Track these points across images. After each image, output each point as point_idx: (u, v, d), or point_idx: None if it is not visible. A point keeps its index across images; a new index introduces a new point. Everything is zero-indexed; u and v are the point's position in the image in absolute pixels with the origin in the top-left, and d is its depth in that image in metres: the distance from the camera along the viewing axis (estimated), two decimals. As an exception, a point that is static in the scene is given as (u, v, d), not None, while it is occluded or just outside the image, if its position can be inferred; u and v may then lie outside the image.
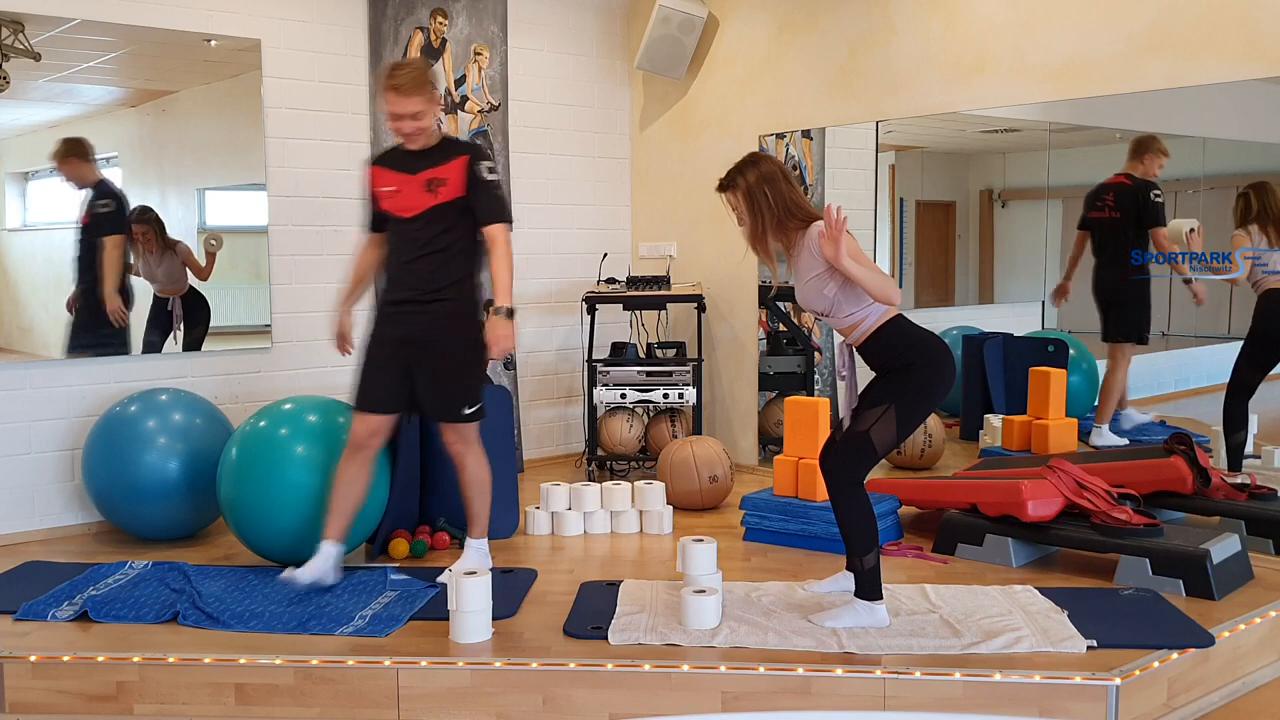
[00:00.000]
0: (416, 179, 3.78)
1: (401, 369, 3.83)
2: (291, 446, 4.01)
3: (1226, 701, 3.34)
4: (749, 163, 3.47)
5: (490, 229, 3.79)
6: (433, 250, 3.79)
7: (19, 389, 4.65)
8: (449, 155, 3.81)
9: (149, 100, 5.03)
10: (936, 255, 5.99)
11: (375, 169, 3.91)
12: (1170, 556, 3.74)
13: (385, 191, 3.85)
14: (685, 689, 3.12)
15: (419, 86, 3.70)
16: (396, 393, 3.85)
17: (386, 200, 3.85)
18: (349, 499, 3.86)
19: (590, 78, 6.36)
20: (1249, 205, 4.52)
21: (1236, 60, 4.14)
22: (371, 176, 3.91)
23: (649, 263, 6.40)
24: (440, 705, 3.17)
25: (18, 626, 3.53)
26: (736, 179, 3.45)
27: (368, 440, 3.85)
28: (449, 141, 3.91)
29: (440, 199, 3.77)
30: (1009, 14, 4.80)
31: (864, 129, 5.53)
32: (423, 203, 3.78)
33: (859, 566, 3.44)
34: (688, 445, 5.08)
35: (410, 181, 3.79)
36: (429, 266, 3.79)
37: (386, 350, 3.85)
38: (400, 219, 3.83)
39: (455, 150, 3.85)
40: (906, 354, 3.38)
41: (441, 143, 3.86)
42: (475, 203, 3.78)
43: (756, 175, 3.41)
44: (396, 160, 3.87)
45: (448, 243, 3.80)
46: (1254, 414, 4.58)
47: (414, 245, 3.80)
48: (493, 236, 3.79)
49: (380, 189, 3.87)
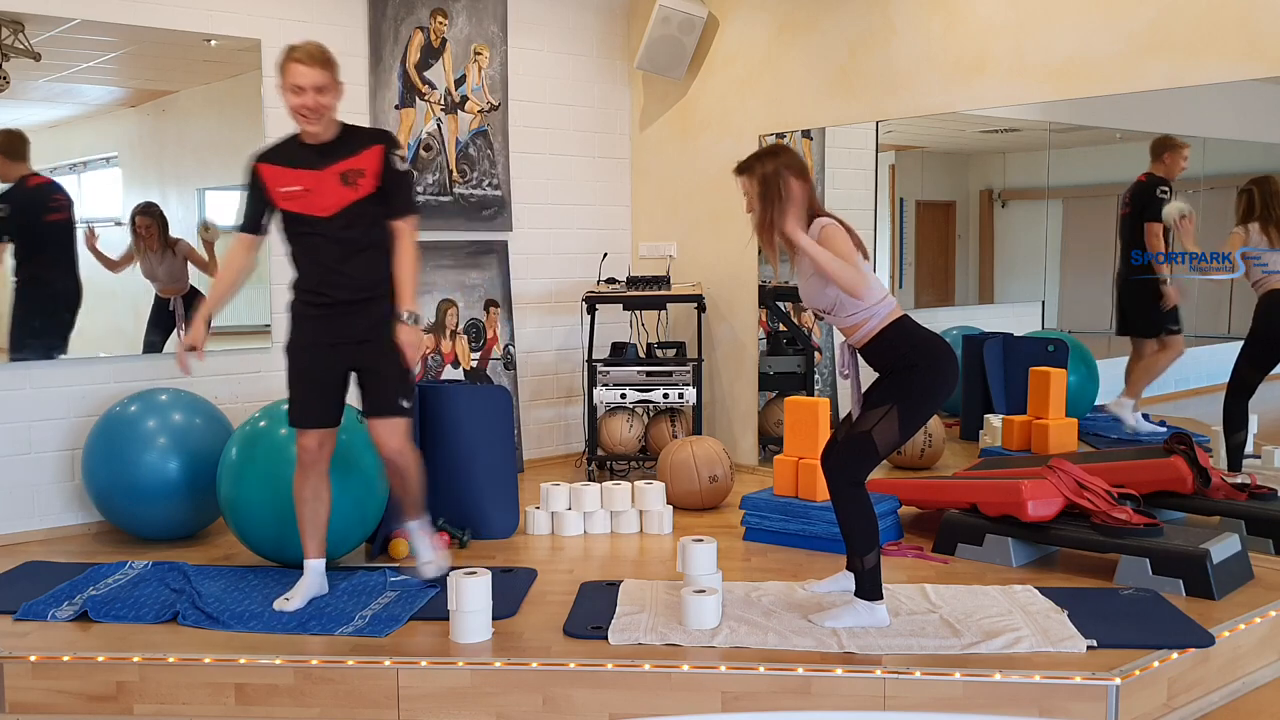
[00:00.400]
0: (328, 174, 3.50)
1: (340, 374, 3.65)
2: (291, 447, 3.99)
3: (1226, 701, 3.34)
4: (770, 153, 3.48)
5: (403, 223, 3.58)
6: (362, 248, 3.56)
7: (19, 389, 4.65)
8: (360, 144, 3.55)
9: (149, 100, 5.03)
10: (936, 255, 5.99)
11: (268, 168, 3.56)
12: (1170, 556, 3.74)
13: (289, 192, 3.52)
14: (685, 689, 3.12)
15: (323, 62, 3.44)
16: (337, 400, 3.68)
17: (291, 201, 3.53)
18: (318, 516, 3.74)
19: (590, 78, 6.37)
20: (1251, 202, 4.50)
21: (1236, 60, 4.13)
22: (265, 176, 3.55)
23: (649, 263, 6.40)
24: (440, 705, 3.17)
25: (18, 626, 3.53)
26: (755, 165, 3.45)
27: (318, 454, 3.68)
28: (353, 129, 3.61)
29: (361, 193, 3.52)
30: (1009, 14, 4.80)
31: (864, 129, 5.53)
32: (342, 199, 3.51)
33: (859, 566, 3.44)
34: (688, 445, 5.08)
35: (321, 178, 3.50)
36: (362, 266, 3.57)
37: (322, 356, 3.61)
38: (316, 219, 3.52)
39: (366, 139, 3.59)
40: (909, 355, 3.38)
41: (344, 132, 3.56)
42: (390, 195, 3.56)
43: (775, 166, 3.41)
44: (293, 156, 3.54)
45: (372, 239, 3.56)
46: (1254, 414, 4.58)
47: (339, 245, 3.54)
48: (404, 231, 3.58)
49: (280, 189, 3.53)
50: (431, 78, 5.73)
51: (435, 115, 5.76)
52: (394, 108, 5.61)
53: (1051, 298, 5.47)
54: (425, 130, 5.72)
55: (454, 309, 5.85)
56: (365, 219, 3.55)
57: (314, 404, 3.66)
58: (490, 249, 6.00)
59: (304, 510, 3.73)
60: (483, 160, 5.94)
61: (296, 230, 3.59)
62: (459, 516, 4.55)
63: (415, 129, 5.69)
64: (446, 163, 5.81)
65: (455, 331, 5.86)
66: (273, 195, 3.56)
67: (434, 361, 5.78)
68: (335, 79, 3.48)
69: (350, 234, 3.54)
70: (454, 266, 5.86)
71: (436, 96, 5.76)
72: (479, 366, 5.94)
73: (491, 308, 5.99)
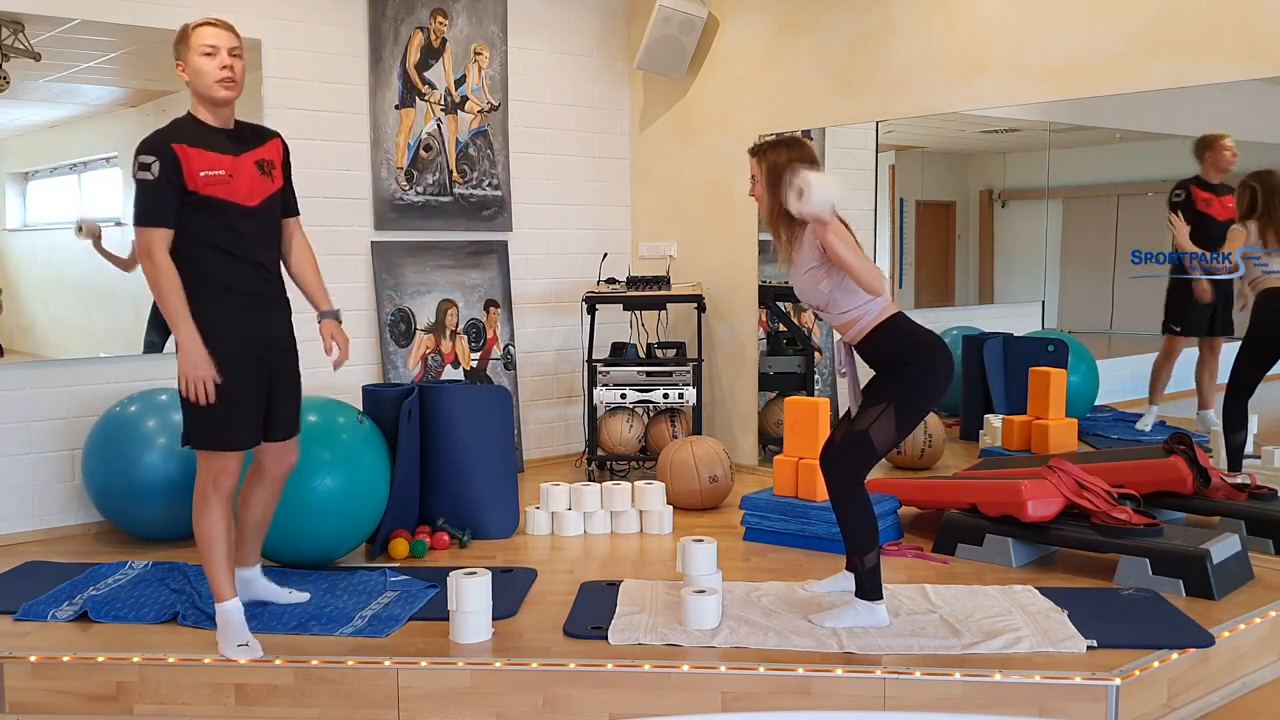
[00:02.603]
0: (244, 161, 3.26)
1: (265, 382, 3.37)
2: (291, 446, 4.01)
3: (1226, 701, 3.34)
4: (785, 144, 3.48)
5: (295, 222, 3.49)
6: (276, 242, 3.41)
7: (19, 389, 4.65)
8: (262, 136, 3.39)
9: (149, 100, 5.03)
10: (936, 255, 6.00)
11: (185, 149, 3.16)
12: (1170, 556, 3.74)
13: (214, 176, 3.18)
14: (685, 689, 3.12)
15: (232, 29, 3.25)
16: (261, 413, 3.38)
17: (217, 186, 3.19)
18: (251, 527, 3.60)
19: (590, 78, 6.36)
20: (1254, 198, 4.49)
21: (1236, 60, 4.13)
22: (186, 158, 3.15)
23: (649, 263, 6.40)
24: (440, 705, 3.17)
25: (18, 626, 3.53)
26: (768, 152, 3.46)
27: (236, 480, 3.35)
28: (244, 123, 3.37)
29: (275, 185, 3.36)
30: (1009, 14, 4.80)
31: (864, 129, 5.53)
32: (263, 189, 3.30)
33: (859, 566, 3.44)
34: (688, 445, 5.08)
35: (239, 164, 3.25)
36: (277, 262, 3.42)
37: (250, 362, 3.30)
38: (242, 208, 3.24)
39: (263, 131, 3.44)
40: (903, 353, 3.39)
41: (239, 123, 3.33)
42: (287, 191, 3.44)
43: (788, 157, 3.40)
44: (206, 139, 3.21)
45: (279, 235, 3.43)
46: (1254, 414, 4.57)
47: (262, 239, 3.33)
48: (299, 229, 3.50)
49: (205, 173, 3.17)
50: (431, 78, 5.73)
51: (435, 115, 5.76)
52: (394, 108, 5.61)
53: (1051, 298, 5.47)
54: (425, 130, 5.72)
55: (454, 309, 5.85)
56: (276, 213, 3.40)
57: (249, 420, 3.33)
58: (490, 249, 6.00)
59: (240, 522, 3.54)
60: (483, 160, 5.94)
61: (214, 222, 3.21)
62: (459, 516, 4.55)
63: (415, 129, 5.69)
64: (446, 163, 5.81)
65: (455, 331, 5.86)
66: (191, 180, 3.16)
67: (434, 361, 5.78)
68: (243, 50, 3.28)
69: (269, 227, 3.37)
70: (454, 266, 5.87)
71: (436, 96, 5.76)
72: (479, 366, 5.94)
73: (491, 308, 5.99)
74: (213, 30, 3.23)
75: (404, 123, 5.65)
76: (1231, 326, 4.85)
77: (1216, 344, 4.94)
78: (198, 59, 3.20)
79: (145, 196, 3.16)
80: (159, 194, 3.14)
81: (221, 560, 3.32)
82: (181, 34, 3.27)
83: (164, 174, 3.13)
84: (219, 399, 3.21)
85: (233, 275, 3.27)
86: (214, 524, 3.31)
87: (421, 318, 5.75)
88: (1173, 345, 5.05)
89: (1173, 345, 5.05)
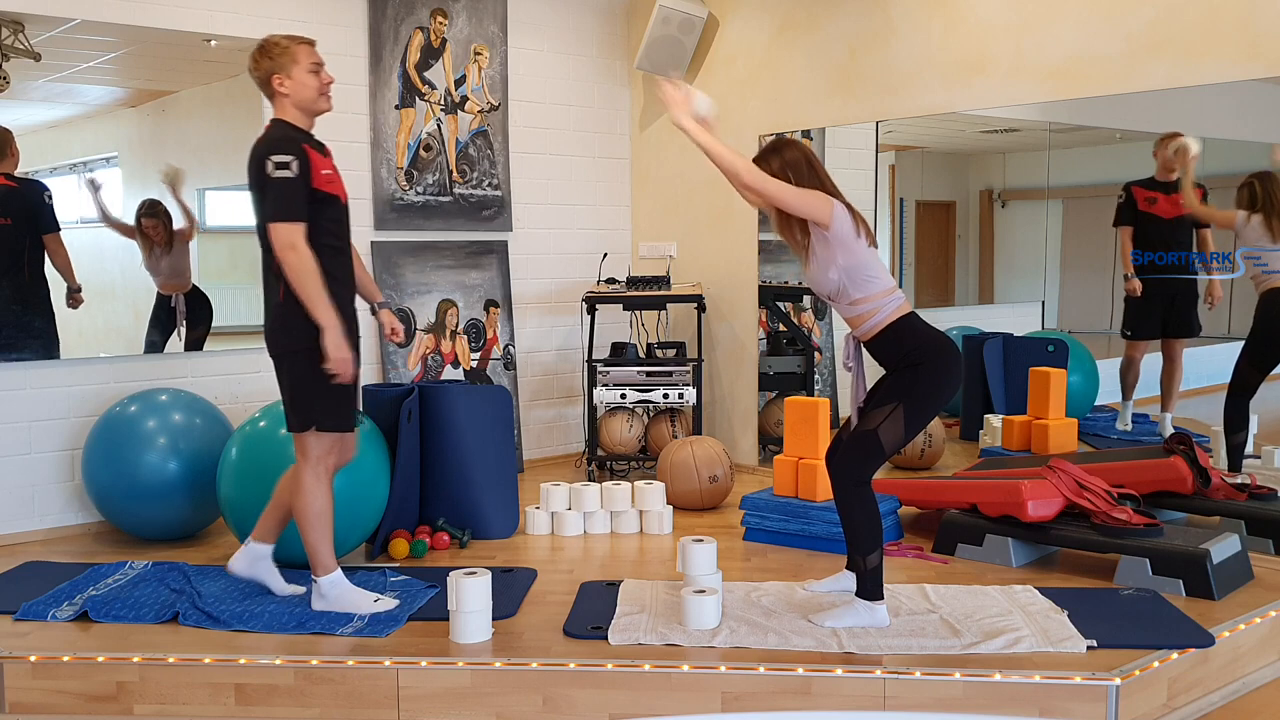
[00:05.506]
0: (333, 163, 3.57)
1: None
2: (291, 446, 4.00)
3: (1226, 701, 3.34)
4: (772, 150, 3.50)
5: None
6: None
7: (19, 389, 4.65)
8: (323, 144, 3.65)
9: (149, 100, 5.04)
10: (936, 255, 6.00)
11: (310, 150, 3.46)
12: (1170, 556, 3.74)
13: (328, 175, 3.49)
14: (685, 689, 3.12)
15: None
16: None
17: (332, 185, 3.50)
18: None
19: (590, 78, 6.37)
20: (1254, 195, 4.49)
21: (1236, 60, 4.13)
22: (313, 159, 3.44)
23: (649, 263, 6.40)
24: (440, 705, 3.17)
25: (18, 626, 3.53)
26: (771, 157, 3.49)
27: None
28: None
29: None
30: (1009, 14, 4.80)
31: (864, 129, 5.53)
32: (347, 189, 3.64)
33: (861, 566, 3.44)
34: (687, 445, 5.08)
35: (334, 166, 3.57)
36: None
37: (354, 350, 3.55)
38: (344, 206, 3.57)
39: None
40: (914, 353, 3.38)
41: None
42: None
43: (780, 163, 3.43)
44: (313, 142, 3.53)
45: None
46: (1254, 414, 4.58)
47: (346, 236, 3.61)
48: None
49: (324, 172, 3.48)
50: (431, 78, 5.73)
51: (435, 115, 5.76)
52: (394, 108, 5.62)
53: (1051, 298, 5.47)
54: (425, 130, 5.72)
55: (454, 309, 5.85)
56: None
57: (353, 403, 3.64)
58: (490, 249, 6.00)
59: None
60: (483, 160, 5.94)
61: (329, 217, 3.48)
62: (459, 516, 4.55)
63: (415, 129, 5.69)
64: (446, 163, 5.81)
65: (455, 331, 5.86)
66: (316, 179, 3.42)
67: (434, 361, 5.78)
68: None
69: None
70: (454, 266, 5.87)
71: (436, 96, 5.76)
72: (479, 366, 5.94)
73: (491, 308, 5.99)
74: (313, 49, 3.53)
75: (404, 123, 5.65)
76: (1191, 328, 4.84)
77: (1174, 346, 4.95)
78: (305, 74, 3.49)
79: (287, 193, 3.37)
80: (298, 191, 3.39)
81: (329, 535, 3.59)
82: (280, 49, 3.49)
83: (301, 172, 3.39)
84: (336, 388, 3.47)
85: (337, 267, 3.50)
86: (326, 502, 3.57)
87: (421, 318, 5.75)
88: (1131, 349, 5.06)
89: (1131, 349, 5.06)
